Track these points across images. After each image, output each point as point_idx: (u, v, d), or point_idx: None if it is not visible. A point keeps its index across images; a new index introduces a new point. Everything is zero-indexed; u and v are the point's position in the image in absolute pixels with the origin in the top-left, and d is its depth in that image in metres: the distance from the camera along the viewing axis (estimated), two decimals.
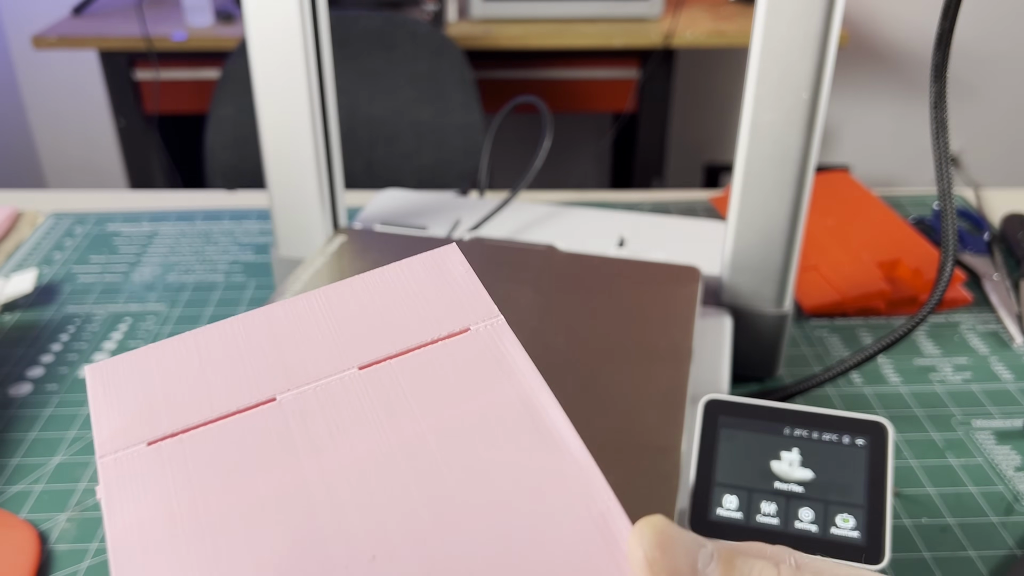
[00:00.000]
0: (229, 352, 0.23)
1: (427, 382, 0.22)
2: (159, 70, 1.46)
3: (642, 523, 0.18)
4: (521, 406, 0.21)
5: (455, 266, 0.25)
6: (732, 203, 0.47)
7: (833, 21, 0.40)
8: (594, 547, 0.18)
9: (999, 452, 0.45)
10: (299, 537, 0.19)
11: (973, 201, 0.71)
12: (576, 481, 0.20)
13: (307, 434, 0.21)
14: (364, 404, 0.21)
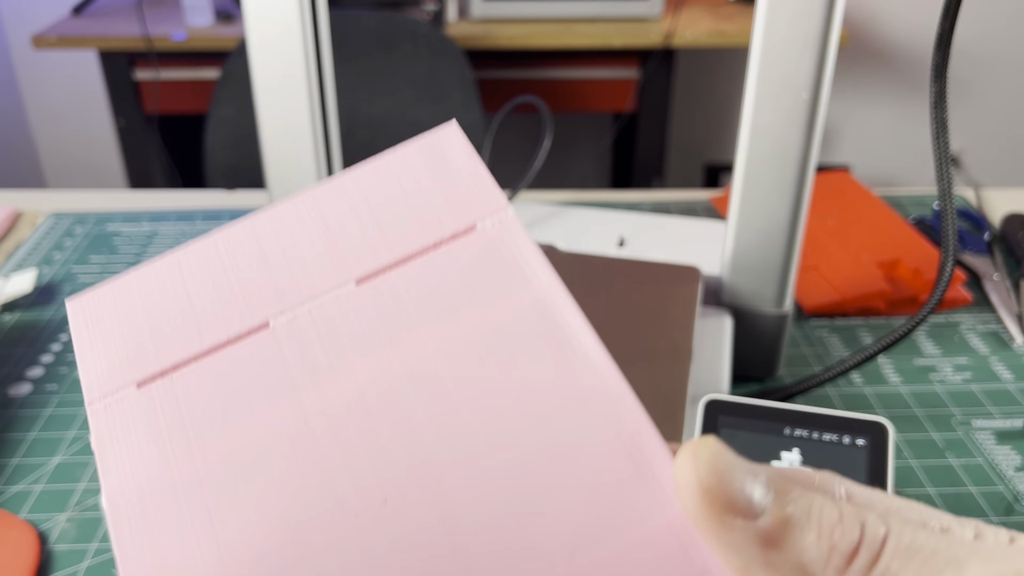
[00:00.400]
0: (214, 273, 0.21)
1: (431, 294, 0.19)
2: (159, 70, 1.46)
3: (696, 443, 0.16)
4: (537, 316, 0.19)
5: (456, 152, 0.22)
6: (732, 203, 0.46)
7: (833, 21, 0.40)
8: (625, 475, 0.17)
9: (999, 452, 0.45)
10: (304, 483, 0.17)
11: (973, 201, 0.71)
12: (602, 400, 0.17)
13: (305, 365, 0.19)
14: (364, 325, 0.19)
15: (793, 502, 0.16)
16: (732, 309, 0.49)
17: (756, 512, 0.15)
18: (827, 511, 0.16)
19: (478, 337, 0.19)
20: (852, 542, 0.15)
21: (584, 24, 1.45)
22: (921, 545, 0.15)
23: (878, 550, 0.15)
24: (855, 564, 0.15)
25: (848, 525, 0.15)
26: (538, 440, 0.17)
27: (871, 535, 0.15)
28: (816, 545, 0.15)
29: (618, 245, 0.54)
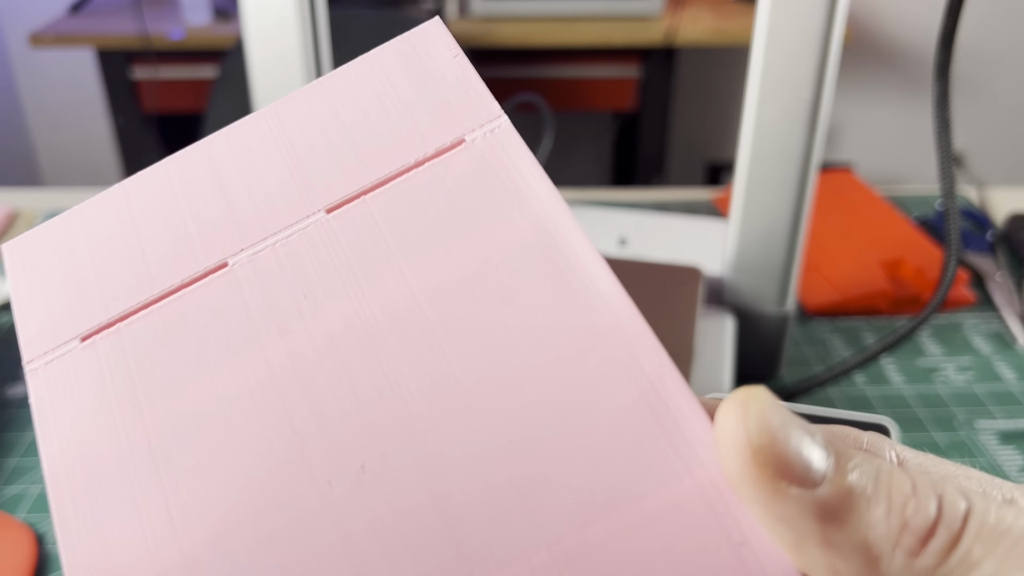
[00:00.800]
0: (166, 206, 0.18)
1: (413, 223, 0.17)
2: (157, 68, 1.45)
3: (745, 394, 0.13)
4: (537, 244, 0.16)
5: (439, 52, 0.19)
6: (734, 202, 0.46)
7: (836, 18, 0.40)
8: (644, 430, 0.14)
9: (1002, 453, 0.45)
10: (269, 449, 0.15)
11: (976, 200, 0.71)
12: (616, 342, 0.15)
13: (269, 310, 0.16)
14: (336, 261, 0.17)
15: (857, 468, 0.13)
16: (734, 309, 0.49)
17: (815, 480, 0.13)
18: (897, 480, 0.13)
19: (469, 272, 0.16)
20: (928, 519, 0.13)
21: (585, 22, 1.44)
22: (1009, 525, 0.13)
23: (959, 530, 0.13)
24: (931, 546, 0.13)
25: (923, 498, 0.13)
26: (541, 392, 0.15)
27: (950, 511, 0.13)
28: (885, 521, 0.13)
29: (619, 244, 0.54)
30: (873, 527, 0.13)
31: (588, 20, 1.45)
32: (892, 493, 0.13)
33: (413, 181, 0.17)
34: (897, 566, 0.13)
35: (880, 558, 0.13)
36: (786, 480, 0.13)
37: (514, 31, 1.42)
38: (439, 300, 0.16)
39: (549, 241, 0.16)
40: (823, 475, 0.13)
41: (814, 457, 0.13)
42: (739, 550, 0.13)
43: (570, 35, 1.41)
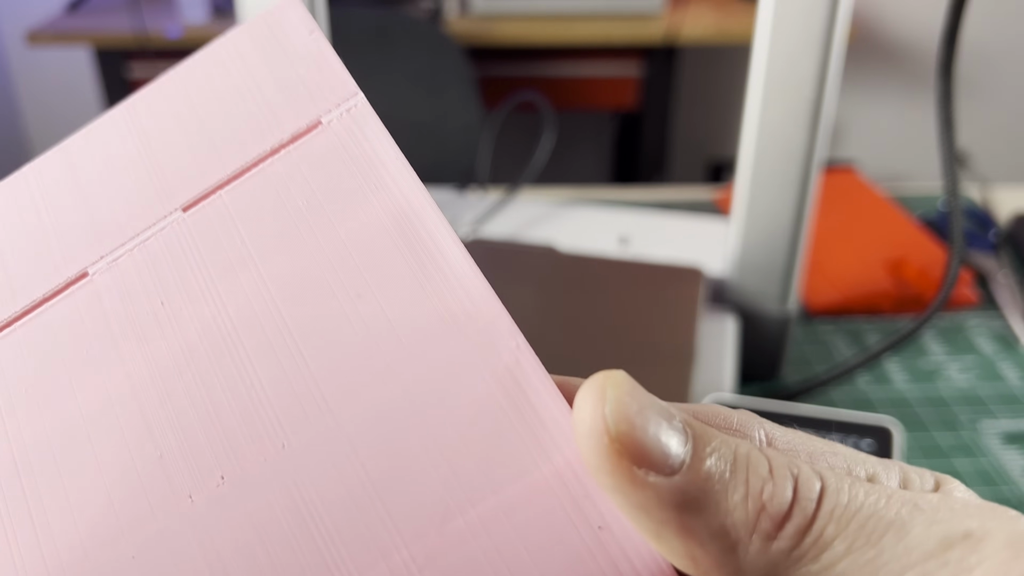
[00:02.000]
0: (25, 216, 0.18)
1: (267, 217, 0.16)
2: (154, 67, 1.45)
3: (603, 379, 0.13)
4: (395, 230, 0.16)
5: (296, 29, 0.19)
6: (736, 201, 0.46)
7: (838, 16, 0.40)
8: (501, 417, 0.14)
9: (1006, 454, 0.45)
10: (132, 463, 0.15)
11: (980, 199, 0.71)
12: (472, 329, 0.15)
13: (128, 321, 0.16)
14: (192, 263, 0.16)
15: (715, 452, 0.13)
16: (735, 308, 0.48)
17: (673, 467, 0.13)
18: (755, 462, 0.13)
19: (325, 264, 0.16)
20: (784, 503, 0.13)
21: (585, 20, 1.44)
22: (860, 504, 0.13)
23: (813, 512, 0.13)
24: (786, 529, 0.13)
25: (779, 480, 0.13)
26: (397, 386, 0.15)
27: (805, 492, 0.13)
28: (743, 507, 0.13)
29: (620, 243, 0.53)
30: (731, 513, 0.13)
31: (589, 18, 1.45)
32: (750, 477, 0.13)
33: (268, 171, 0.17)
34: (754, 551, 0.13)
35: (738, 544, 0.13)
36: (643, 468, 0.13)
37: (515, 29, 1.41)
38: (294, 298, 0.16)
39: (407, 226, 0.16)
40: (681, 461, 0.13)
41: (672, 443, 0.13)
42: (599, 535, 0.13)
43: (571, 33, 1.41)
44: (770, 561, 0.13)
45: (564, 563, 0.13)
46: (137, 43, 1.40)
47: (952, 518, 0.13)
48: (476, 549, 0.13)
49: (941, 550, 0.13)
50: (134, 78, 1.48)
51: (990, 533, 0.13)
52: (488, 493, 0.14)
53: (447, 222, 0.16)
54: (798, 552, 0.13)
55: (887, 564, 0.13)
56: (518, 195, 0.62)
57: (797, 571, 0.13)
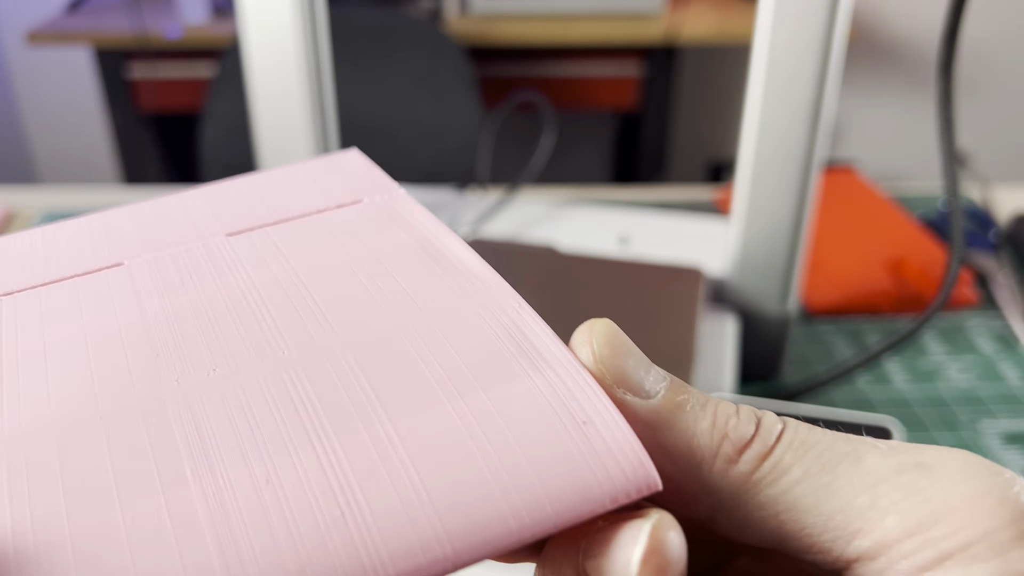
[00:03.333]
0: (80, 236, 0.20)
1: (306, 237, 0.19)
2: (154, 67, 1.45)
3: (592, 322, 0.16)
4: (418, 247, 0.18)
5: (354, 161, 0.22)
6: (736, 201, 0.46)
7: (839, 16, 0.40)
8: (503, 346, 0.15)
9: (1007, 454, 0.45)
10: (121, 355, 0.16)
11: (979, 199, 0.71)
12: (480, 295, 0.17)
13: (153, 284, 0.18)
14: (226, 256, 0.18)
15: (689, 393, 0.15)
16: (736, 308, 0.48)
17: (649, 393, 0.15)
18: (723, 405, 0.15)
19: (352, 261, 0.18)
20: (746, 434, 0.14)
21: (585, 20, 1.44)
22: (818, 439, 0.14)
23: (773, 442, 0.14)
24: (746, 455, 0.14)
25: (744, 417, 0.15)
26: (405, 321, 0.16)
27: (767, 429, 0.15)
28: (709, 433, 0.14)
29: (620, 243, 0.53)
30: (697, 436, 0.14)
31: (589, 18, 1.45)
32: (717, 411, 0.15)
33: (310, 219, 0.19)
34: (717, 471, 0.14)
35: (702, 464, 0.14)
36: (623, 387, 0.15)
37: (514, 29, 1.41)
38: (318, 277, 0.17)
39: (427, 244, 0.18)
40: (657, 391, 0.15)
41: (650, 378, 0.15)
42: (583, 428, 0.14)
43: (571, 33, 1.41)
44: (732, 482, 0.14)
45: (547, 450, 0.14)
46: (137, 43, 1.40)
47: (906, 451, 0.14)
48: (460, 429, 0.14)
49: (894, 475, 0.14)
50: (134, 78, 1.47)
51: (942, 462, 0.14)
52: (478, 390, 0.15)
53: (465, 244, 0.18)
54: (758, 475, 0.14)
55: (841, 488, 0.14)
56: (518, 195, 0.62)
57: (758, 494, 0.14)
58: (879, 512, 0.13)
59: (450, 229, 0.18)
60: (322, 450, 0.14)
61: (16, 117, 1.89)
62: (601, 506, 0.13)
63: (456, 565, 0.12)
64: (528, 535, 0.13)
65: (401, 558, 0.12)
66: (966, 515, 0.13)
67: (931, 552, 0.13)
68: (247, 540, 0.12)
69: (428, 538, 0.12)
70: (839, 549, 0.14)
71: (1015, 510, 0.13)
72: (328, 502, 0.13)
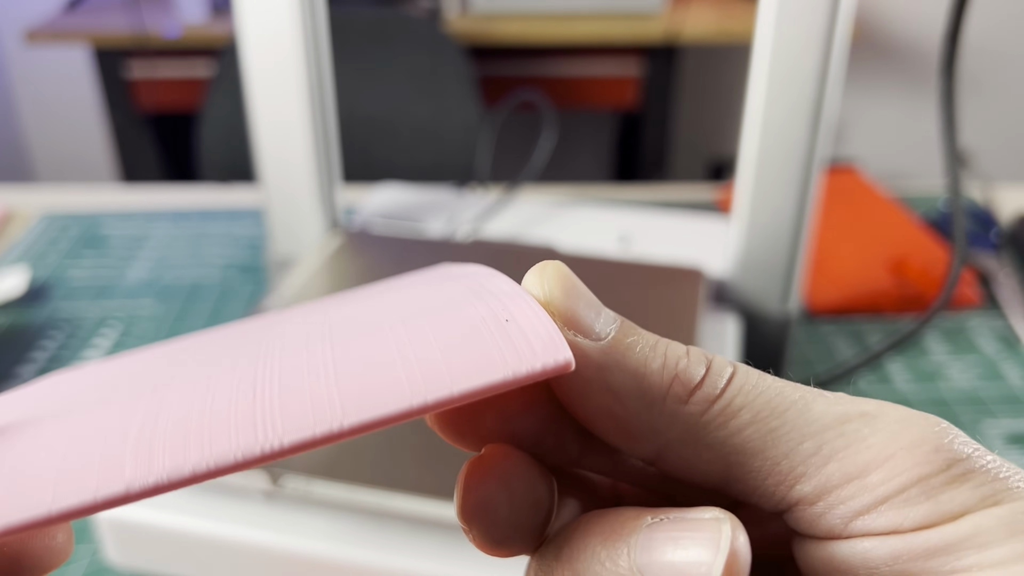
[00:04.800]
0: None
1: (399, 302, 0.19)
2: (153, 66, 1.44)
3: (544, 263, 0.15)
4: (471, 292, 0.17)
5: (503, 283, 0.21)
6: (737, 200, 0.46)
7: (840, 15, 0.39)
8: (462, 298, 0.15)
9: (1008, 454, 0.44)
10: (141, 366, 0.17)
11: (982, 199, 0.70)
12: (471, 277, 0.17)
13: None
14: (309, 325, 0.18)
15: (639, 335, 0.15)
16: (737, 308, 0.48)
17: (599, 335, 0.15)
18: (673, 346, 0.15)
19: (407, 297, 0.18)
20: (696, 375, 0.14)
21: (586, 19, 1.44)
22: (768, 384, 0.15)
23: (723, 385, 0.14)
24: (697, 395, 0.14)
25: (694, 359, 0.15)
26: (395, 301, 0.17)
27: (717, 371, 0.15)
28: (659, 373, 0.14)
29: (620, 242, 0.53)
30: (647, 377, 0.14)
31: (589, 17, 1.45)
32: (667, 353, 0.15)
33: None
34: (668, 411, 0.14)
35: (653, 404, 0.14)
36: (573, 329, 0.14)
37: (515, 28, 1.41)
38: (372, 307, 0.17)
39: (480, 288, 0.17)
40: (607, 333, 0.15)
41: (600, 320, 0.15)
42: (505, 326, 0.14)
43: (571, 32, 1.41)
44: (682, 423, 0.14)
45: (461, 338, 0.14)
46: (135, 42, 1.39)
47: (852, 401, 0.14)
48: (389, 339, 0.14)
49: (838, 423, 0.14)
50: (132, 77, 1.47)
51: (884, 412, 0.14)
52: (420, 317, 0.15)
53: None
54: (707, 417, 0.14)
55: (788, 433, 0.14)
56: (518, 194, 0.61)
57: (707, 435, 0.14)
58: (822, 458, 0.14)
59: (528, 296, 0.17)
60: (261, 366, 0.14)
61: (14, 116, 1.88)
62: (503, 378, 0.13)
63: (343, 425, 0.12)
64: (421, 401, 0.13)
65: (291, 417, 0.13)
66: (902, 462, 0.13)
67: (868, 497, 0.13)
68: (167, 415, 0.13)
69: (321, 404, 0.13)
70: (781, 493, 0.14)
71: (948, 457, 0.14)
72: (246, 389, 0.14)
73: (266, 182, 0.52)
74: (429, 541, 0.34)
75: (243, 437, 0.12)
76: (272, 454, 0.12)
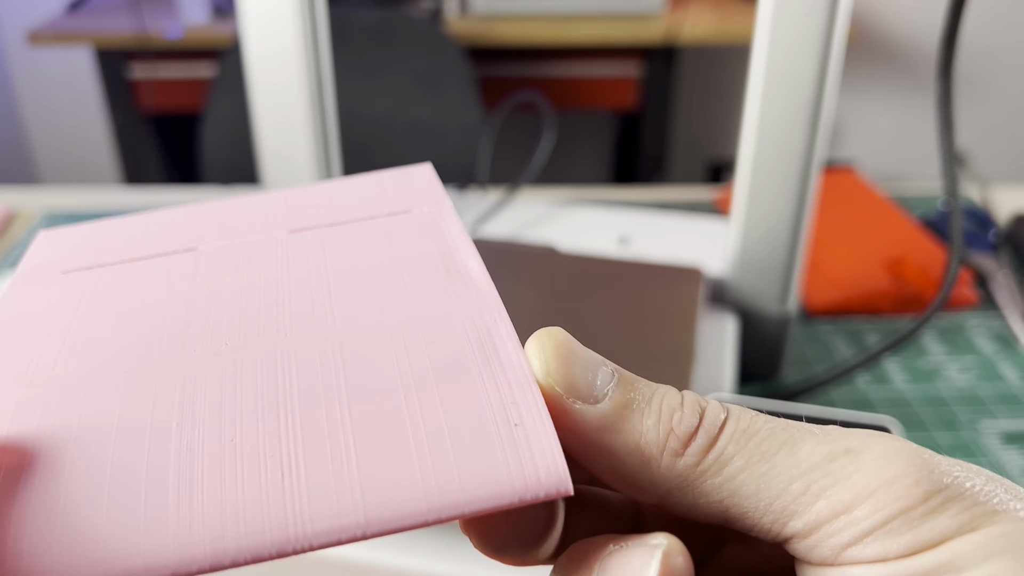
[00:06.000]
0: (170, 222, 0.24)
1: (349, 242, 0.21)
2: (155, 67, 1.45)
3: (541, 333, 0.16)
4: (437, 255, 0.20)
5: (421, 174, 0.24)
6: (735, 201, 0.46)
7: (838, 16, 0.40)
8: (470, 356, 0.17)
9: (1006, 454, 0.45)
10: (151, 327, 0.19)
11: (979, 199, 0.71)
12: (469, 303, 0.18)
13: (211, 268, 0.21)
14: (278, 252, 0.21)
15: (636, 390, 0.16)
16: (735, 308, 0.48)
17: (597, 397, 0.16)
18: (669, 397, 0.16)
19: (376, 263, 0.20)
20: (691, 427, 0.15)
21: (585, 20, 1.44)
22: (759, 428, 0.16)
23: (716, 434, 0.15)
24: (691, 447, 0.15)
25: (688, 410, 0.16)
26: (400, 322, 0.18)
27: (710, 420, 0.16)
28: (655, 429, 0.15)
29: (620, 243, 0.53)
30: (644, 434, 0.15)
31: (589, 18, 1.45)
32: (663, 407, 0.16)
33: (362, 223, 0.22)
34: (665, 466, 0.15)
35: (651, 460, 0.15)
36: (571, 396, 0.16)
37: (514, 29, 1.41)
38: (343, 273, 0.20)
39: (448, 256, 0.20)
40: (605, 393, 0.16)
41: (599, 379, 0.16)
42: (513, 430, 0.15)
43: (571, 33, 1.41)
44: (679, 475, 0.15)
45: (473, 445, 0.15)
46: (137, 43, 1.40)
47: (839, 437, 0.15)
48: (404, 418, 0.16)
49: (826, 462, 0.15)
50: (134, 78, 1.48)
51: (868, 447, 0.15)
52: (433, 385, 0.16)
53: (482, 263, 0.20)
54: (702, 467, 0.15)
55: (779, 475, 0.15)
56: (518, 195, 0.62)
57: (703, 483, 0.15)
58: (811, 497, 0.15)
59: (471, 243, 0.20)
60: (284, 422, 0.16)
61: (17, 117, 1.89)
62: (509, 502, 0.14)
63: (367, 533, 0.14)
64: (436, 517, 0.14)
65: (320, 519, 0.14)
66: (884, 497, 0.14)
67: (854, 531, 0.14)
68: (200, 485, 0.15)
69: (347, 506, 0.14)
70: (777, 529, 0.15)
71: (928, 489, 0.15)
72: (274, 464, 0.15)
73: (268, 183, 0.52)
74: (429, 540, 0.34)
75: (276, 533, 0.14)
76: (301, 551, 0.14)
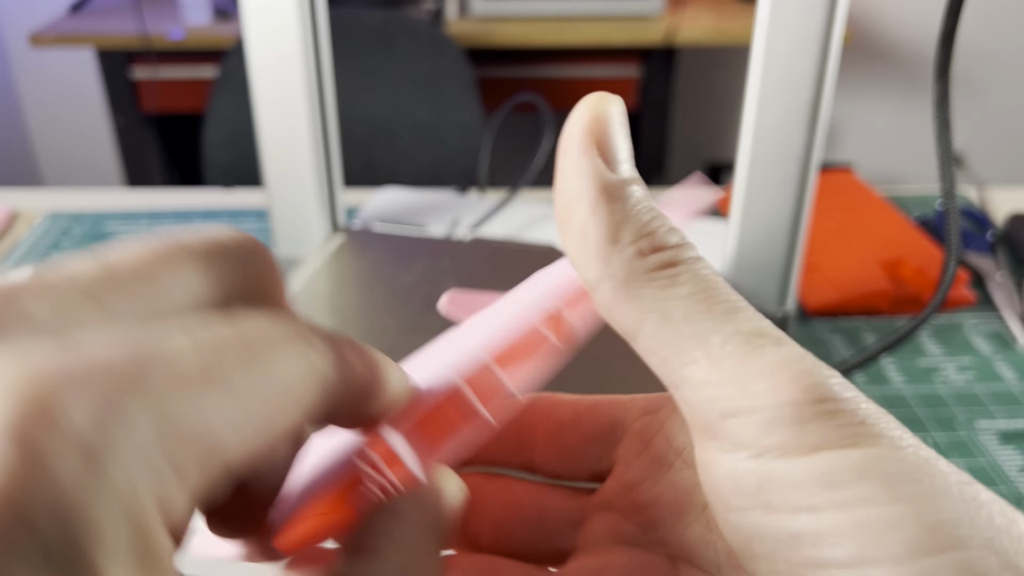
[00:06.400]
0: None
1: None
2: (157, 68, 1.45)
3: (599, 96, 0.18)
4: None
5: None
6: (734, 202, 0.46)
7: (836, 18, 0.40)
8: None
9: (1003, 453, 0.45)
10: None
11: (977, 200, 0.71)
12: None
13: None
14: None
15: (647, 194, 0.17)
16: None
17: (616, 167, 0.17)
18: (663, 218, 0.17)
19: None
20: (666, 242, 0.16)
21: (585, 22, 1.44)
22: (706, 276, 0.16)
23: (680, 261, 0.16)
24: (653, 257, 0.16)
25: (674, 233, 0.16)
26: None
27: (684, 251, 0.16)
28: (638, 220, 0.16)
29: None
30: (629, 219, 0.16)
31: (588, 20, 1.45)
32: (657, 216, 0.17)
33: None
34: (626, 255, 0.16)
35: (619, 240, 0.16)
36: (598, 151, 0.17)
37: (514, 31, 1.42)
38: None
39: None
40: (625, 169, 0.17)
41: (626, 163, 0.17)
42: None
43: (570, 35, 1.41)
44: (630, 268, 0.16)
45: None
46: (140, 45, 1.40)
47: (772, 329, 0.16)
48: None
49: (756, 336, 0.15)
50: (136, 80, 1.48)
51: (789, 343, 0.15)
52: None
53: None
54: (654, 275, 0.16)
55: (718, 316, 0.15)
56: (518, 196, 0.62)
57: (646, 286, 0.16)
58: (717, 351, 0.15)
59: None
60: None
61: (19, 119, 1.89)
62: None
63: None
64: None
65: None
66: (784, 381, 0.14)
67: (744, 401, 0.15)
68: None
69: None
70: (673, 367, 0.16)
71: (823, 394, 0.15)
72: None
73: (269, 184, 0.52)
74: None
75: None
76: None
